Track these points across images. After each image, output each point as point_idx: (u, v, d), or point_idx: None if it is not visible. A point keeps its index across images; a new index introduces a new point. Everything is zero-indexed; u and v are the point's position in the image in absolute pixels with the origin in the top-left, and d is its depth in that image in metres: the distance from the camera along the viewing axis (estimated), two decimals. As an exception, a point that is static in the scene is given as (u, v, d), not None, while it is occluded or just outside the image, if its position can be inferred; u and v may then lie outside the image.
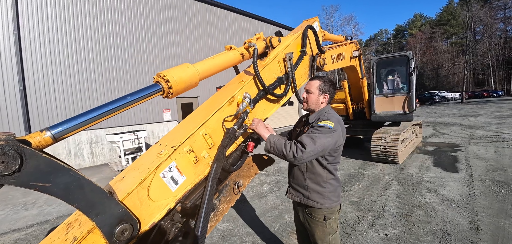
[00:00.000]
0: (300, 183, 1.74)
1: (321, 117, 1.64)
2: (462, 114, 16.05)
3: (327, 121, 1.58)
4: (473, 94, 36.31)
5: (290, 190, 1.85)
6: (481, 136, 8.67)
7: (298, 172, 1.74)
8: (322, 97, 1.73)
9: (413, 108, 6.10)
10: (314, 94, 1.74)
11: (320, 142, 1.49)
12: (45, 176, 0.82)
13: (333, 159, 1.66)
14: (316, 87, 1.73)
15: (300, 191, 1.74)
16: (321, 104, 1.74)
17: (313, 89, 1.74)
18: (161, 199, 1.19)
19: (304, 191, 1.72)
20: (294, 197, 1.81)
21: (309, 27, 2.34)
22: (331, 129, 1.55)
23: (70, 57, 8.49)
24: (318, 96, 1.73)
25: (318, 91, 1.73)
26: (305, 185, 1.71)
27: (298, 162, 1.49)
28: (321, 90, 1.73)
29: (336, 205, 1.71)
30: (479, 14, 34.65)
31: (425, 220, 3.30)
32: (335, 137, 1.56)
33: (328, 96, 1.73)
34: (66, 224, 1.11)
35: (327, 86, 1.73)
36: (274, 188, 4.93)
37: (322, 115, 1.67)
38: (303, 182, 1.71)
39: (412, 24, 60.44)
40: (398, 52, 6.88)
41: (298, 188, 1.76)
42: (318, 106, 1.74)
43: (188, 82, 1.36)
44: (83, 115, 1.03)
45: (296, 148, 1.46)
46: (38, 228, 3.91)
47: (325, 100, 1.74)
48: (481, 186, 4.31)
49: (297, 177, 1.76)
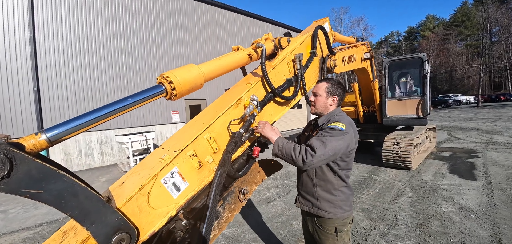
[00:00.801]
0: (309, 191, 1.64)
1: (331, 120, 1.56)
2: (478, 119, 15.42)
3: (338, 123, 1.49)
4: (489, 98, 34.97)
5: (299, 199, 1.76)
6: (500, 141, 8.27)
7: (307, 178, 1.64)
8: (331, 100, 1.66)
9: (427, 112, 5.87)
10: (322, 96, 1.67)
11: (331, 145, 1.40)
12: (36, 183, 0.77)
13: (345, 164, 1.56)
14: (324, 89, 1.67)
15: (309, 199, 1.64)
16: (330, 107, 1.66)
17: (320, 92, 1.68)
18: (162, 207, 1.13)
19: (314, 200, 1.62)
20: (303, 206, 1.71)
21: (319, 28, 2.26)
22: (342, 131, 1.45)
23: (83, 59, 8.68)
24: (326, 98, 1.66)
25: (326, 93, 1.66)
26: (315, 193, 1.60)
27: (308, 167, 1.39)
28: (329, 92, 1.66)
29: (348, 215, 1.59)
30: (495, 15, 33.47)
31: (442, 231, 3.11)
32: (347, 139, 1.46)
33: (336, 98, 1.66)
34: (62, 231, 1.07)
35: (335, 88, 1.66)
36: (282, 192, 4.82)
37: (332, 117, 1.59)
38: (313, 189, 1.61)
39: (425, 26, 59.03)
40: (411, 54, 6.66)
41: (307, 196, 1.66)
42: (326, 109, 1.67)
43: (192, 84, 1.29)
44: (81, 118, 0.98)
45: (306, 152, 1.37)
46: (46, 227, 3.95)
47: (334, 102, 1.66)
48: (502, 195, 4.07)
49: (306, 184, 1.66)
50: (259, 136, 1.52)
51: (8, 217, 4.45)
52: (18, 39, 7.50)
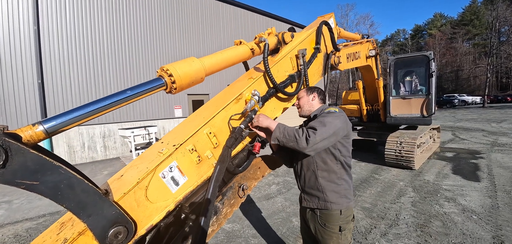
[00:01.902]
0: (313, 185, 1.61)
1: (323, 111, 1.63)
2: (483, 120, 15.20)
3: (330, 108, 1.62)
4: (496, 99, 34.42)
5: (304, 197, 1.70)
6: (505, 143, 8.15)
7: (309, 173, 1.62)
8: (311, 96, 1.73)
9: (432, 112, 5.79)
10: (303, 98, 1.75)
11: (331, 124, 1.44)
12: (32, 174, 0.76)
13: (346, 150, 1.58)
14: (304, 91, 1.77)
15: (315, 194, 1.60)
16: (313, 102, 1.73)
17: (301, 94, 1.78)
18: (160, 201, 1.12)
19: (319, 193, 1.58)
20: (309, 203, 1.65)
21: (324, 23, 2.22)
22: (337, 113, 1.55)
23: (87, 51, 8.70)
24: (307, 96, 1.74)
25: (306, 93, 1.75)
26: (319, 185, 1.58)
27: (311, 148, 1.37)
28: (307, 91, 1.75)
29: (352, 204, 1.63)
30: (505, 14, 32.79)
31: (443, 231, 3.08)
32: (343, 119, 1.54)
33: (316, 94, 1.73)
34: (60, 223, 1.06)
35: (312, 89, 1.76)
36: (283, 189, 4.81)
37: (324, 109, 1.66)
38: (316, 183, 1.59)
39: (432, 24, 58.07)
40: (417, 52, 6.55)
41: (312, 192, 1.62)
42: (311, 106, 1.73)
43: (193, 77, 1.28)
44: (79, 110, 0.96)
45: (308, 132, 1.39)
46: (49, 218, 4.00)
47: (315, 97, 1.73)
48: (506, 197, 4.01)
49: (309, 180, 1.63)
50: (257, 132, 1.50)
51: (12, 208, 4.51)
52: (23, 32, 7.53)
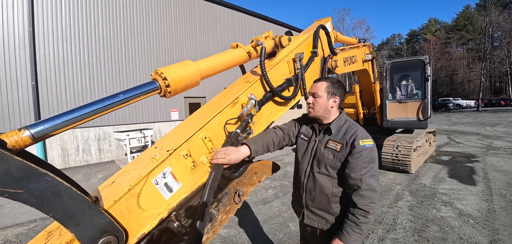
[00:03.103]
0: (323, 207, 1.47)
1: (358, 135, 1.39)
2: (478, 123, 15.39)
3: (366, 140, 1.37)
4: (490, 103, 34.97)
5: (307, 214, 1.55)
6: (500, 146, 8.24)
7: (321, 195, 1.46)
8: (332, 101, 1.50)
9: (428, 116, 5.83)
10: (321, 98, 1.50)
11: (377, 172, 1.36)
12: (16, 182, 0.72)
13: None
14: (324, 89, 1.49)
15: (323, 216, 1.48)
16: (332, 109, 1.51)
17: (320, 92, 1.50)
18: (152, 208, 1.08)
19: (329, 216, 1.46)
20: (313, 223, 1.52)
21: (321, 27, 2.21)
22: (374, 148, 1.37)
23: (82, 54, 8.61)
24: (327, 100, 1.49)
25: (327, 94, 1.49)
26: (330, 209, 1.45)
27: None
28: (330, 93, 1.49)
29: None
30: (498, 19, 33.47)
31: (441, 236, 3.08)
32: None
33: (338, 99, 1.52)
34: (47, 232, 1.02)
35: (336, 88, 1.50)
36: (280, 193, 4.78)
37: (351, 128, 1.45)
38: (328, 206, 1.45)
39: (427, 29, 58.97)
40: (413, 57, 6.61)
41: (320, 213, 1.49)
42: (327, 112, 1.51)
43: (188, 81, 1.25)
44: (68, 114, 0.92)
45: (369, 201, 1.29)
46: (40, 223, 3.90)
47: (335, 104, 1.51)
48: (502, 201, 4.03)
49: (318, 201, 1.48)
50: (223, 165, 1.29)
51: (2, 212, 4.40)
52: (18, 33, 7.43)
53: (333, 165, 1.41)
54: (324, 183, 1.45)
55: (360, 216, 1.29)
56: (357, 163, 1.32)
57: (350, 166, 1.34)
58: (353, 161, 1.33)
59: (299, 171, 1.60)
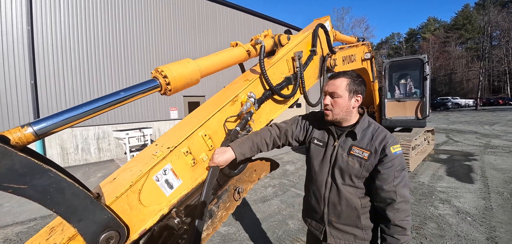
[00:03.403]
0: (351, 222, 1.31)
1: (388, 140, 1.23)
2: (476, 122, 15.45)
3: (396, 145, 1.23)
4: (488, 102, 35.10)
5: (330, 232, 1.35)
6: (498, 145, 8.28)
7: (348, 209, 1.29)
8: (354, 100, 1.29)
9: (426, 114, 5.87)
10: (342, 98, 1.27)
11: (408, 180, 1.24)
12: (20, 177, 0.74)
13: None
14: (345, 88, 1.27)
15: (351, 232, 1.32)
16: (353, 110, 1.32)
17: (340, 91, 1.27)
18: (153, 204, 1.10)
19: (358, 231, 1.31)
20: (340, 241, 1.34)
21: (320, 26, 2.22)
22: (402, 153, 1.25)
23: (81, 52, 8.59)
24: (348, 99, 1.28)
25: (349, 93, 1.27)
26: (360, 223, 1.30)
27: None
28: (351, 91, 1.27)
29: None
30: (496, 18, 33.56)
31: (438, 233, 3.11)
32: None
33: (361, 97, 1.31)
34: (50, 228, 1.03)
35: (358, 84, 1.29)
36: (279, 192, 4.80)
37: (379, 132, 1.27)
38: (357, 221, 1.30)
39: (426, 28, 59.09)
40: (412, 56, 6.64)
41: (348, 229, 1.32)
42: (349, 113, 1.31)
43: (188, 79, 1.26)
44: (70, 111, 0.94)
45: (406, 214, 1.18)
46: (40, 221, 3.91)
47: (357, 103, 1.31)
48: (499, 199, 4.06)
49: (346, 216, 1.30)
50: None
51: (2, 211, 4.40)
52: (16, 32, 7.41)
53: (359, 175, 1.25)
54: (350, 196, 1.27)
55: (400, 236, 1.17)
56: (389, 173, 1.18)
57: (381, 177, 1.19)
58: (385, 171, 1.19)
59: (316, 182, 1.39)
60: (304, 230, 3.30)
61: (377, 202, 1.25)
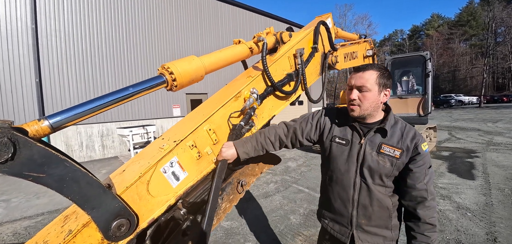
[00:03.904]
0: (382, 224, 1.25)
1: (418, 137, 1.19)
2: (479, 119, 15.37)
3: (425, 143, 1.20)
4: (492, 99, 34.81)
5: (358, 236, 1.27)
6: (500, 142, 8.26)
7: (380, 210, 1.23)
8: (383, 95, 1.23)
9: (428, 111, 5.87)
10: (371, 92, 1.19)
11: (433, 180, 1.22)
12: (39, 167, 0.79)
13: None
14: (375, 81, 1.19)
15: (381, 233, 1.26)
16: (380, 105, 1.26)
17: (369, 85, 1.18)
18: (161, 195, 1.15)
19: (387, 232, 1.26)
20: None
21: (321, 23, 2.25)
22: (429, 152, 1.24)
23: (85, 50, 8.68)
24: (378, 94, 1.21)
25: (378, 86, 1.20)
26: (390, 224, 1.26)
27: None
28: (381, 84, 1.20)
29: None
30: (501, 15, 33.13)
31: (438, 228, 3.14)
32: None
33: (389, 91, 1.26)
34: (64, 216, 1.09)
35: (387, 77, 1.22)
36: (281, 187, 4.85)
37: (409, 129, 1.23)
38: (388, 221, 1.25)
39: (429, 25, 58.50)
40: (414, 52, 6.64)
41: (378, 231, 1.26)
42: (377, 109, 1.24)
43: (193, 75, 1.31)
44: (82, 106, 0.99)
45: (434, 212, 1.17)
46: (48, 216, 4.01)
47: (385, 98, 1.24)
48: (500, 195, 4.08)
49: (377, 217, 1.24)
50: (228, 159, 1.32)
51: (10, 206, 4.51)
52: (20, 30, 7.50)
53: (390, 174, 1.20)
54: (382, 196, 1.22)
55: (430, 233, 1.15)
56: (421, 171, 1.16)
57: (414, 176, 1.16)
58: (418, 170, 1.16)
59: (342, 183, 1.30)
60: (305, 225, 3.35)
61: (406, 201, 1.21)
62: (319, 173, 1.54)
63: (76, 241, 0.92)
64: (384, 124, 1.23)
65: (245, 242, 2.99)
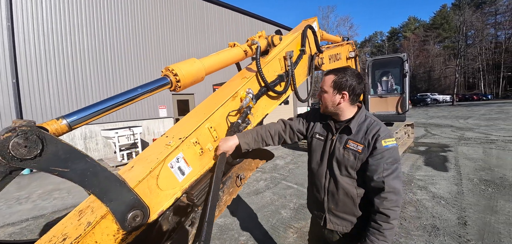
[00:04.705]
0: (348, 210, 1.41)
1: (380, 134, 1.30)
2: (452, 117, 16.46)
3: (389, 139, 1.29)
4: (464, 97, 37.23)
5: (329, 219, 1.46)
6: (470, 137, 8.94)
7: (346, 197, 1.39)
8: (339, 97, 1.38)
9: (406, 109, 6.27)
10: (328, 93, 1.41)
11: (401, 172, 1.32)
12: (63, 162, 0.86)
13: None
14: (330, 84, 1.40)
15: (348, 219, 1.42)
16: (339, 106, 1.40)
17: (326, 87, 1.42)
18: (169, 188, 1.24)
19: (354, 218, 1.41)
20: (338, 227, 1.45)
21: (308, 27, 2.41)
22: (397, 147, 1.31)
23: (65, 51, 8.35)
24: (333, 95, 1.39)
25: (333, 88, 1.39)
26: (356, 211, 1.40)
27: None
28: (336, 87, 1.38)
29: None
30: (471, 19, 35.55)
31: (416, 215, 3.43)
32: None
33: (347, 94, 1.37)
34: (78, 211, 1.15)
35: (345, 80, 1.36)
36: (270, 184, 5.00)
37: (373, 126, 1.35)
38: (353, 208, 1.39)
39: (406, 27, 61.42)
40: (393, 54, 7.04)
41: (345, 216, 1.42)
42: (336, 109, 1.42)
43: (195, 77, 1.40)
44: (96, 105, 1.07)
45: (393, 204, 1.23)
46: (33, 222, 3.88)
47: (343, 100, 1.38)
48: (469, 184, 4.48)
49: (343, 204, 1.41)
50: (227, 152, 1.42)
51: (-10, 213, 4.31)
52: (-6, 28, 7.11)
53: (354, 166, 1.35)
54: (347, 186, 1.37)
55: (382, 222, 1.23)
56: (379, 165, 1.26)
57: (371, 168, 1.28)
58: (375, 163, 1.27)
59: (317, 173, 1.51)
60: (296, 218, 3.52)
61: (367, 192, 1.34)
62: (307, 170, 1.72)
63: (95, 232, 0.99)
64: (350, 122, 1.39)
65: (239, 237, 3.10)
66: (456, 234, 2.94)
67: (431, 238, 2.90)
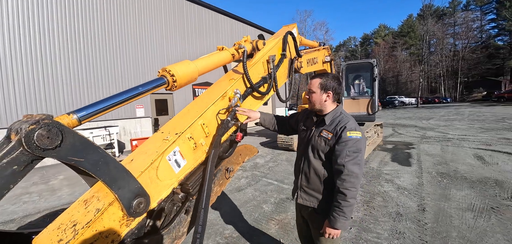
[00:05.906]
0: (316, 188, 1.68)
1: (345, 126, 1.55)
2: (416, 118, 17.97)
3: (353, 132, 1.53)
4: (427, 100, 40.56)
5: (300, 194, 1.76)
6: (431, 136, 9.90)
7: (315, 176, 1.67)
8: (325, 96, 1.68)
9: (375, 110, 6.82)
10: (316, 93, 1.70)
11: (362, 161, 1.52)
12: (79, 152, 0.97)
13: None
14: (317, 86, 1.69)
15: (315, 195, 1.68)
16: (326, 103, 1.69)
17: (314, 88, 1.70)
18: (167, 179, 1.37)
19: (320, 195, 1.66)
20: (306, 202, 1.72)
21: (289, 33, 2.63)
22: (361, 140, 1.53)
23: (34, 48, 7.79)
24: (320, 95, 1.69)
25: (320, 89, 1.68)
26: (322, 189, 1.65)
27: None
28: (322, 88, 1.68)
29: None
30: (433, 29, 38.86)
31: (383, 205, 3.82)
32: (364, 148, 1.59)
33: (331, 93, 1.67)
34: (83, 201, 1.22)
35: (329, 82, 1.68)
36: (252, 182, 5.19)
37: (342, 120, 1.61)
38: (320, 186, 1.65)
39: (377, 34, 65.35)
40: (364, 59, 7.62)
41: (313, 193, 1.69)
42: (323, 106, 1.70)
43: (190, 77, 1.54)
44: (103, 102, 1.18)
45: (351, 183, 1.44)
46: (20, 221, 3.67)
47: (328, 98, 1.69)
48: (429, 177, 5.05)
49: (313, 182, 1.68)
50: (241, 123, 1.80)
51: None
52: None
53: (324, 151, 1.61)
54: (317, 166, 1.65)
55: (341, 201, 1.45)
56: (342, 151, 1.49)
57: (336, 154, 1.52)
58: (338, 149, 1.52)
59: (298, 157, 1.85)
60: (277, 211, 3.74)
61: (333, 173, 1.57)
62: (286, 167, 2.10)
63: (103, 217, 1.10)
64: (325, 116, 1.69)
65: (224, 230, 3.24)
66: (416, 219, 3.35)
67: (395, 223, 3.28)
